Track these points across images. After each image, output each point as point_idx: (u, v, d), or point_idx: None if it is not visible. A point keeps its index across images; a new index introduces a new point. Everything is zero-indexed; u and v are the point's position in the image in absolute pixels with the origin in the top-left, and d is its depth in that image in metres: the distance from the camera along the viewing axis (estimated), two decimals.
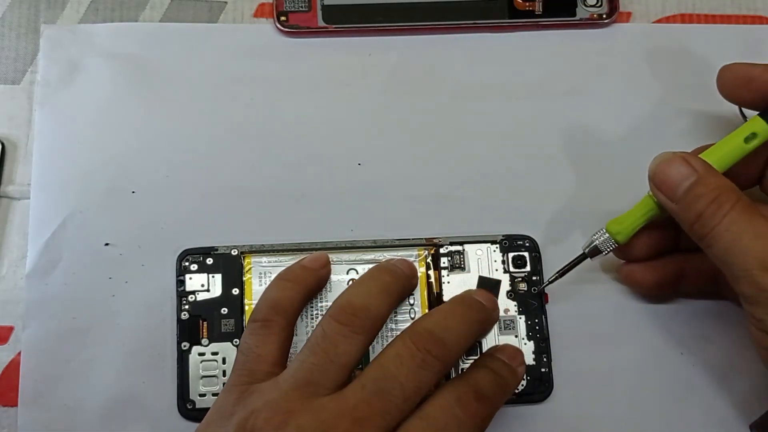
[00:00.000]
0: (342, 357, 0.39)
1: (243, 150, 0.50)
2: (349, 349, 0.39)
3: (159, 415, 0.46)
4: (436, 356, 0.39)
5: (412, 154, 0.50)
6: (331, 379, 0.39)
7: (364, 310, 0.41)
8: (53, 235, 0.48)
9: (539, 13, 0.52)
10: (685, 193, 0.40)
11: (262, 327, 0.42)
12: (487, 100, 0.51)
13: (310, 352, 0.40)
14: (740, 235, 0.38)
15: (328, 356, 0.39)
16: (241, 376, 0.40)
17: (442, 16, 0.51)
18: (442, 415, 0.38)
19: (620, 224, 0.44)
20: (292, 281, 0.44)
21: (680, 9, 0.53)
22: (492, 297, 0.46)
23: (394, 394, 0.38)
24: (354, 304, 0.41)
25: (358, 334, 0.40)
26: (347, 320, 0.40)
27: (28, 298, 0.47)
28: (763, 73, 0.43)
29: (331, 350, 0.39)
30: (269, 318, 0.42)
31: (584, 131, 0.51)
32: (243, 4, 0.52)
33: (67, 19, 0.52)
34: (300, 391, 0.38)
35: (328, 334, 0.40)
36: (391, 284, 0.43)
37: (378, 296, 0.42)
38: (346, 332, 0.40)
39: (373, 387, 0.38)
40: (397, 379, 0.38)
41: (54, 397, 0.46)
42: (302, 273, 0.45)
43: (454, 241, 0.48)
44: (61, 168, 0.49)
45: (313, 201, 0.49)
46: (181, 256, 0.47)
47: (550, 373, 0.47)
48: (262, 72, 0.51)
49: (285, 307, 0.43)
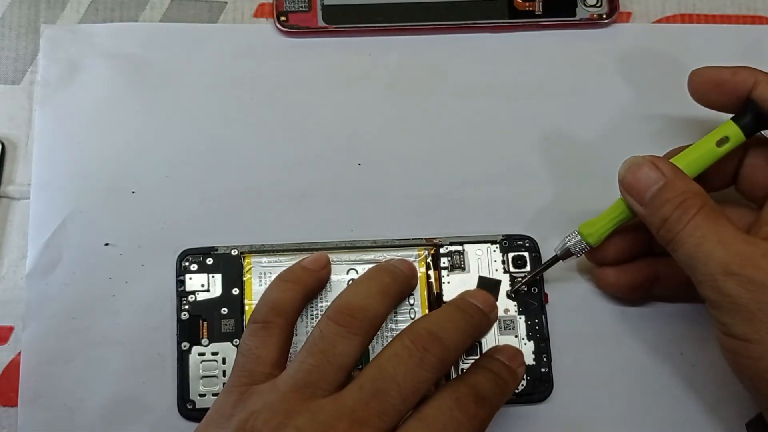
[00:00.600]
0: (340, 358, 0.39)
1: (243, 150, 0.50)
2: (347, 350, 0.39)
3: (159, 415, 0.46)
4: (434, 355, 0.39)
5: (412, 154, 0.50)
6: (329, 381, 0.39)
7: (361, 311, 0.41)
8: (53, 235, 0.48)
9: (539, 13, 0.52)
10: (652, 197, 0.40)
11: (261, 328, 0.42)
12: (487, 100, 0.51)
13: (308, 354, 0.39)
14: (703, 240, 0.38)
15: (325, 357, 0.39)
16: (241, 377, 0.40)
17: (442, 16, 0.51)
18: (441, 417, 0.38)
19: (592, 226, 0.44)
20: (292, 282, 0.44)
21: (680, 9, 0.53)
22: (490, 297, 0.46)
23: (392, 394, 0.38)
24: (352, 305, 0.41)
25: (355, 335, 0.40)
26: (345, 321, 0.40)
27: (28, 298, 0.47)
28: (732, 76, 0.43)
29: (329, 351, 0.39)
30: (269, 319, 0.42)
31: (584, 131, 0.51)
32: (243, 4, 0.52)
33: (67, 19, 0.52)
34: (298, 392, 0.38)
35: (325, 335, 0.40)
36: (390, 285, 0.43)
37: (376, 297, 0.42)
38: (344, 333, 0.40)
39: (370, 387, 0.38)
40: (394, 379, 0.38)
41: (54, 397, 0.46)
42: (302, 274, 0.45)
43: (454, 241, 0.48)
44: (61, 168, 0.49)
45: (313, 201, 0.49)
46: (181, 256, 0.47)
47: (550, 373, 0.47)
48: (262, 72, 0.51)
49: (285, 308, 0.42)
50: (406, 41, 0.52)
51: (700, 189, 0.40)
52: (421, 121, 0.50)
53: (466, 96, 0.51)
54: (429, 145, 0.50)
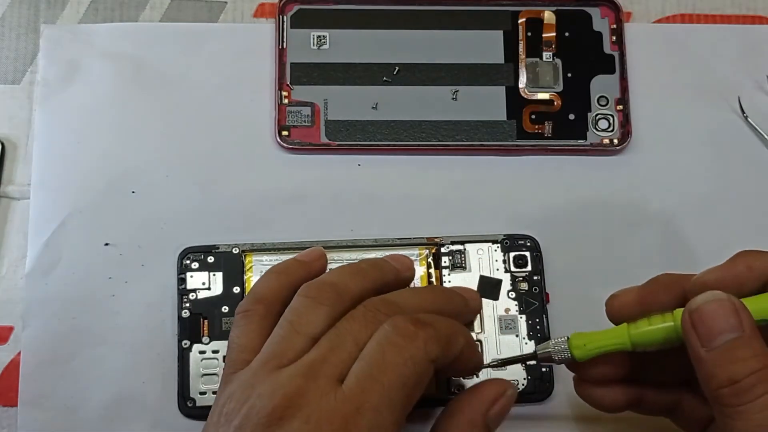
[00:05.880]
0: (306, 327, 0.39)
1: (243, 149, 0.50)
2: (313, 319, 0.39)
3: (159, 413, 0.46)
4: (386, 313, 0.39)
5: (412, 153, 0.50)
6: (296, 350, 0.38)
7: (330, 285, 0.40)
8: (53, 235, 0.48)
9: (549, 135, 0.50)
10: (725, 347, 0.36)
11: (242, 318, 0.41)
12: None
13: (278, 327, 0.39)
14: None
15: (293, 327, 0.39)
16: (226, 368, 0.40)
17: (449, 136, 0.50)
18: (379, 348, 0.37)
19: (583, 339, 0.40)
20: (277, 273, 0.44)
21: (680, 9, 0.53)
22: (469, 288, 0.46)
23: (347, 345, 0.37)
24: (322, 280, 0.41)
25: (322, 305, 0.39)
26: (313, 293, 0.40)
27: (28, 298, 0.47)
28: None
29: (296, 321, 0.39)
30: (248, 308, 0.42)
31: None
32: (243, 4, 0.52)
33: (67, 19, 0.52)
34: (266, 365, 0.38)
35: (294, 307, 0.40)
36: (367, 270, 0.43)
37: (348, 275, 0.41)
38: (311, 303, 0.40)
39: (326, 344, 0.38)
40: (350, 332, 0.38)
41: (54, 397, 0.46)
42: (291, 265, 0.45)
43: (455, 240, 0.48)
44: (61, 168, 0.49)
45: (313, 201, 0.49)
46: (182, 254, 0.47)
47: (550, 373, 0.46)
48: (261, 72, 0.51)
49: (266, 297, 0.42)
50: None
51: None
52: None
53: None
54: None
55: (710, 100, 0.51)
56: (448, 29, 0.51)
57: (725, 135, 0.51)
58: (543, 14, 0.51)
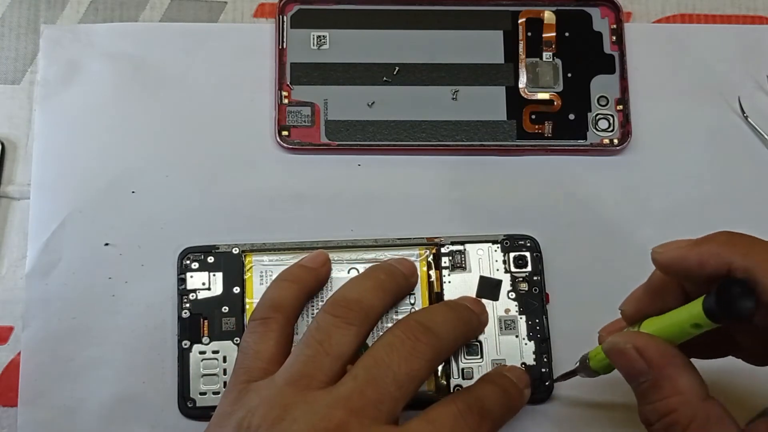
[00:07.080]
0: (335, 348, 0.39)
1: (243, 149, 0.50)
2: (343, 340, 0.39)
3: (159, 413, 0.46)
4: (425, 344, 0.39)
5: (412, 153, 0.50)
6: (325, 371, 0.38)
7: (357, 303, 0.41)
8: (53, 235, 0.48)
9: (549, 135, 0.50)
10: (639, 390, 0.36)
11: (260, 324, 0.42)
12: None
13: (305, 345, 0.40)
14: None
15: (322, 348, 0.39)
16: (239, 374, 0.40)
17: (449, 136, 0.50)
18: (447, 421, 0.38)
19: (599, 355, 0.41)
20: (290, 281, 0.44)
21: (680, 9, 0.53)
22: (479, 301, 0.46)
23: (387, 381, 0.38)
24: (347, 298, 0.41)
25: (351, 325, 0.40)
26: (340, 312, 0.40)
27: (28, 298, 0.47)
28: (699, 268, 0.36)
29: (325, 342, 0.39)
30: (267, 315, 0.42)
31: None
32: (243, 4, 0.52)
33: (67, 19, 0.52)
34: (294, 384, 0.38)
35: (321, 326, 0.40)
36: (386, 281, 0.44)
37: (371, 291, 0.42)
38: (340, 323, 0.40)
39: (365, 375, 0.38)
40: (389, 366, 0.38)
41: (54, 397, 0.46)
42: (301, 272, 0.45)
43: (456, 240, 0.48)
44: (61, 168, 0.49)
45: (313, 201, 0.49)
46: (182, 254, 0.47)
47: (550, 373, 0.46)
48: (261, 72, 0.51)
49: (283, 305, 0.43)
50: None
51: (689, 387, 0.36)
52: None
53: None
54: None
55: (710, 100, 0.51)
56: (448, 29, 0.51)
57: (725, 135, 0.51)
58: (543, 14, 0.51)
